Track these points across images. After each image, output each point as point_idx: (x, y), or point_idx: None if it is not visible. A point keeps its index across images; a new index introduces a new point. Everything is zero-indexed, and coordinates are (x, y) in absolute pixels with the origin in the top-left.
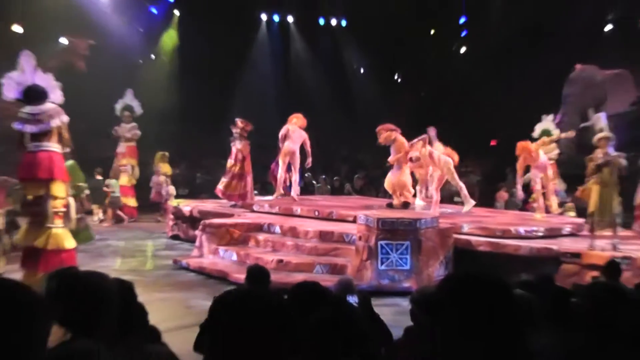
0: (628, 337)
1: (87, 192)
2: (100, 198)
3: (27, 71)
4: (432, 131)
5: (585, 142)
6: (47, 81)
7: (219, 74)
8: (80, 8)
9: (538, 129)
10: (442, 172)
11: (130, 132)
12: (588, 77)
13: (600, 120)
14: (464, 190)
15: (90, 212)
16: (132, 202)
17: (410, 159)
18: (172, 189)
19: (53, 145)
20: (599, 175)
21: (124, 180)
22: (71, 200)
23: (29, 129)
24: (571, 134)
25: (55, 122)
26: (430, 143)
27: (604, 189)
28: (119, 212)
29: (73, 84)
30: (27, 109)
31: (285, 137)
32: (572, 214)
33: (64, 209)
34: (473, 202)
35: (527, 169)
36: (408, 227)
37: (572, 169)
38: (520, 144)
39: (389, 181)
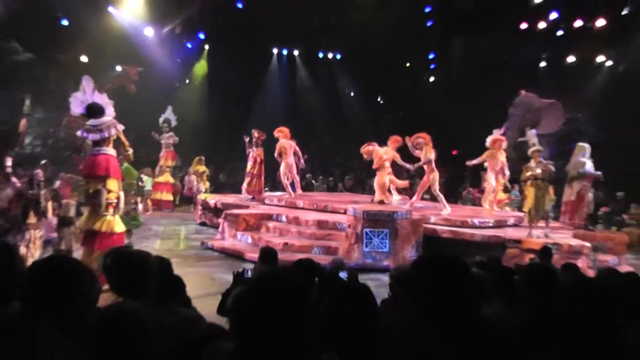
0: (557, 305)
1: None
2: (142, 192)
3: (88, 92)
4: (409, 141)
5: (523, 154)
6: (103, 99)
7: (240, 96)
8: (132, 43)
9: (489, 140)
10: (428, 180)
11: (170, 139)
12: (529, 103)
13: (532, 136)
14: (444, 201)
15: (136, 203)
16: (168, 196)
17: (415, 144)
18: (202, 187)
19: (109, 150)
20: (534, 180)
21: (161, 178)
22: (121, 194)
23: (92, 137)
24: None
25: (111, 132)
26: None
27: (538, 191)
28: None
29: (125, 102)
30: (90, 121)
31: (281, 153)
32: (508, 208)
33: (115, 201)
34: (449, 209)
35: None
36: (387, 217)
37: (514, 174)
38: (494, 138)
39: (375, 182)
